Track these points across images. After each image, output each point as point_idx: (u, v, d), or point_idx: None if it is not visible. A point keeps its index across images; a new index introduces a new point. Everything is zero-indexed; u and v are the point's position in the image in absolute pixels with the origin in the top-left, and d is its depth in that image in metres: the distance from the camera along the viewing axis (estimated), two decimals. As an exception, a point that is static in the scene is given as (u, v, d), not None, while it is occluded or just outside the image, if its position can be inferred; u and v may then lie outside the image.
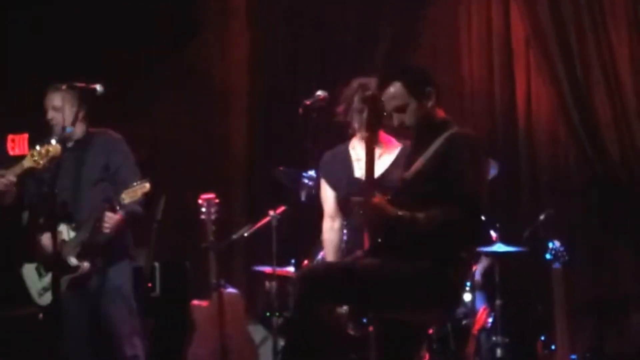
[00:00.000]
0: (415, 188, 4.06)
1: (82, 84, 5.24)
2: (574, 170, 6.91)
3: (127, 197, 5.16)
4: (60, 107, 5.34)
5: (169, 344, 6.83)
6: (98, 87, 5.18)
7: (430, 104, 4.16)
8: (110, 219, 5.24)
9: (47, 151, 5.03)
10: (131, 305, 5.52)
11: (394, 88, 4.17)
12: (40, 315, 5.48)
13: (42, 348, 5.68)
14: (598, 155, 6.68)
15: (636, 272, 6.70)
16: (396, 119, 4.18)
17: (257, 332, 6.67)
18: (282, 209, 6.30)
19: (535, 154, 6.97)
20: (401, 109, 4.15)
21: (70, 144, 5.45)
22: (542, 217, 6.16)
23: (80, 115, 5.38)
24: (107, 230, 5.25)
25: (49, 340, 5.33)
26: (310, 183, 6.01)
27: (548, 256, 5.91)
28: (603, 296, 6.68)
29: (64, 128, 5.28)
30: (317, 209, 6.23)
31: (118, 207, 5.20)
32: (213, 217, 6.28)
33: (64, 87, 5.29)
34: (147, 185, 5.17)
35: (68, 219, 5.31)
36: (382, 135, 4.87)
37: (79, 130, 5.48)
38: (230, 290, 6.51)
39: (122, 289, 5.48)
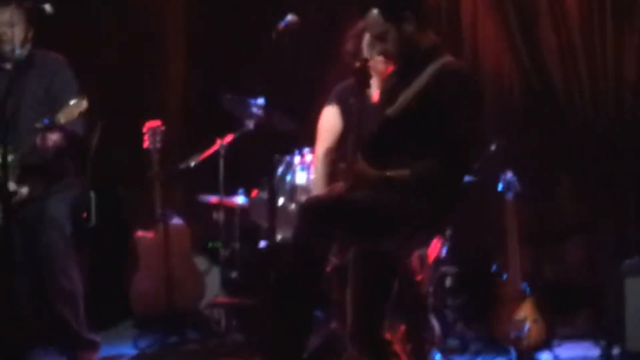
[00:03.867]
0: (399, 128, 3.89)
1: (31, 3, 4.96)
2: (517, 99, 6.88)
3: (63, 116, 4.89)
4: (10, 23, 5.06)
5: (108, 276, 6.69)
6: (47, 7, 4.85)
7: (410, 28, 3.94)
8: (48, 139, 4.98)
9: None
10: (67, 236, 5.30)
11: (372, 16, 3.99)
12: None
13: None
14: (542, 84, 6.65)
15: (575, 202, 6.78)
16: (378, 48, 4.00)
17: (200, 264, 6.57)
18: (230, 137, 6.12)
19: (481, 82, 6.85)
20: (381, 37, 3.97)
21: (9, 65, 5.15)
22: (492, 147, 6.09)
23: (29, 35, 5.14)
24: (43, 151, 5.01)
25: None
26: (259, 112, 5.86)
27: (500, 187, 5.92)
28: (543, 226, 6.74)
29: (13, 50, 5.03)
30: (266, 139, 6.14)
31: (54, 127, 4.92)
32: (158, 145, 6.10)
33: (13, 3, 5.00)
34: (84, 103, 4.91)
35: (7, 142, 5.02)
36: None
37: (23, 50, 5.20)
38: (176, 221, 6.36)
39: (58, 218, 5.24)
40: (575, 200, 6.75)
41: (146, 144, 6.11)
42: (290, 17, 4.75)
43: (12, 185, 5.01)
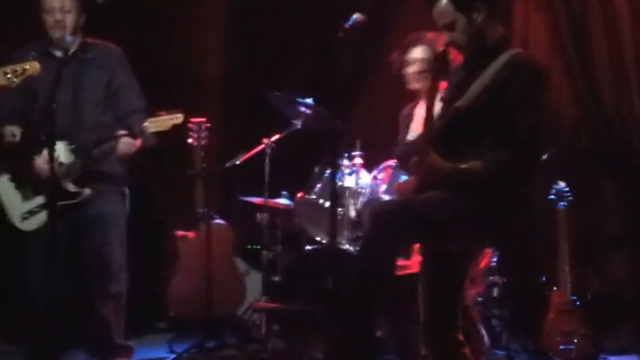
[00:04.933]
0: (469, 120, 3.75)
1: None
2: (566, 107, 6.72)
3: (153, 126, 4.74)
4: (63, 10, 4.89)
5: (142, 276, 6.51)
6: None
7: (480, 18, 3.81)
8: (130, 146, 4.83)
9: (24, 70, 4.52)
10: (123, 238, 5.16)
11: (440, 4, 3.84)
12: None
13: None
14: (591, 92, 6.50)
15: (622, 214, 6.61)
16: (447, 37, 3.88)
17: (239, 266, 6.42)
18: (276, 137, 5.94)
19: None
20: (450, 27, 3.84)
21: (66, 54, 4.94)
22: (544, 156, 5.95)
23: (81, 22, 4.98)
24: (121, 156, 4.87)
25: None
26: (308, 111, 5.71)
27: (552, 196, 5.81)
28: (589, 237, 6.59)
29: (64, 37, 4.84)
30: (312, 138, 6.00)
31: (139, 135, 4.77)
32: (203, 142, 5.91)
33: None
34: (181, 117, 4.77)
35: (67, 140, 4.84)
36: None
37: (78, 39, 5.03)
38: (218, 221, 6.18)
39: (116, 219, 5.11)
40: (621, 211, 6.59)
41: (190, 140, 5.93)
42: (357, 16, 4.60)
43: (71, 187, 4.86)
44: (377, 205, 4.48)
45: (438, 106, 3.98)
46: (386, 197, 5.37)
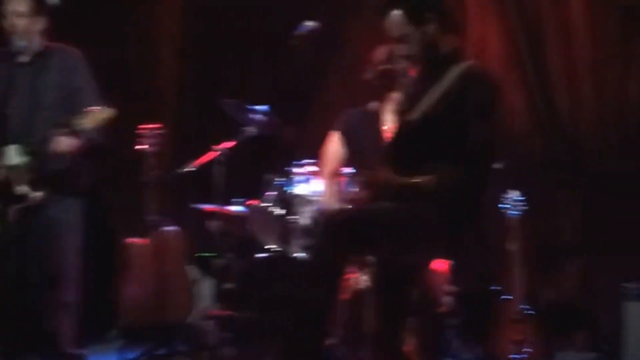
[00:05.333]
0: (423, 133, 3.76)
1: None
2: (520, 116, 6.76)
3: (84, 121, 4.62)
4: (20, 14, 4.84)
5: (91, 283, 6.47)
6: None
7: (432, 29, 3.84)
8: (64, 143, 4.74)
9: None
10: (79, 246, 5.09)
11: (392, 17, 3.86)
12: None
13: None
14: (546, 102, 6.57)
15: (576, 222, 6.66)
16: (401, 50, 3.89)
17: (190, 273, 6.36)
18: (229, 144, 5.91)
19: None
20: (402, 39, 3.85)
21: (25, 59, 4.95)
22: (498, 165, 5.95)
23: (38, 27, 4.91)
24: (59, 156, 4.77)
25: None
26: (260, 118, 5.69)
27: (504, 205, 5.82)
28: (542, 246, 6.61)
29: (21, 42, 4.82)
30: (265, 145, 5.99)
31: (73, 132, 4.67)
32: (155, 148, 5.88)
33: None
34: (110, 111, 4.67)
35: (20, 142, 4.78)
36: None
37: (36, 43, 4.97)
38: (170, 228, 6.15)
39: (74, 226, 5.04)
40: (575, 220, 6.63)
41: (143, 146, 5.88)
42: (310, 24, 4.61)
43: (22, 189, 4.77)
44: (329, 214, 4.48)
45: (388, 118, 3.99)
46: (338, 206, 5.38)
